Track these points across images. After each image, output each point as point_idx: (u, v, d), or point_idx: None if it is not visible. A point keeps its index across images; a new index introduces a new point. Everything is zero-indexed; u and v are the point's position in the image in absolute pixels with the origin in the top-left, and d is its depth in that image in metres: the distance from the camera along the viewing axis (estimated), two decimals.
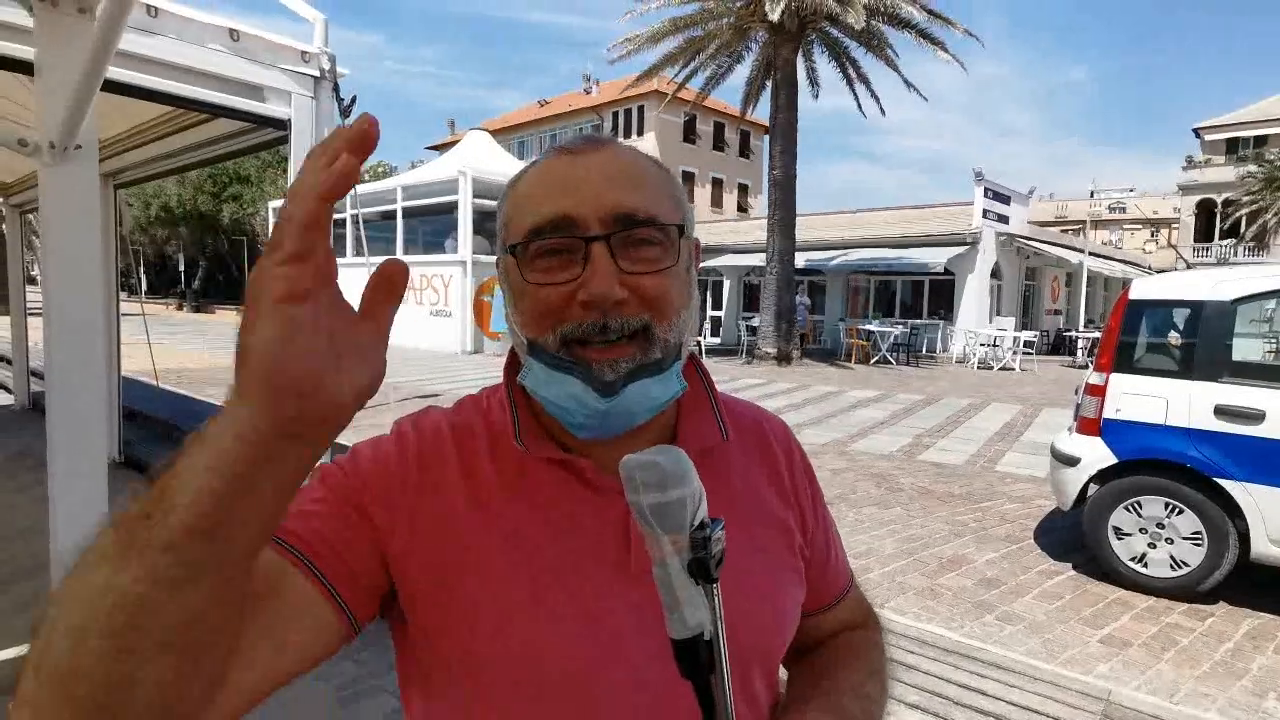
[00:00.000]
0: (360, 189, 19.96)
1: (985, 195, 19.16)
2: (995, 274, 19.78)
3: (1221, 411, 3.53)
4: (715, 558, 0.48)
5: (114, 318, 5.27)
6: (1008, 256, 20.24)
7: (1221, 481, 3.53)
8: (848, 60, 15.96)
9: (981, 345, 16.65)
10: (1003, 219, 19.85)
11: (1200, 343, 3.71)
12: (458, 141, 23.46)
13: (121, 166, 4.63)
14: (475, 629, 0.59)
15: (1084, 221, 26.66)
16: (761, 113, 17.41)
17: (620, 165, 0.62)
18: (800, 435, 5.70)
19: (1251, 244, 33.31)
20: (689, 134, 37.97)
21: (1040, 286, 22.84)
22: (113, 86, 2.25)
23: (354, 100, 2.97)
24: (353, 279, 0.41)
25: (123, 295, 6.52)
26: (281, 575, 0.54)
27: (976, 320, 18.61)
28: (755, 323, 16.35)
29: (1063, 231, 31.97)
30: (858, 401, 10.50)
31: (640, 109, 36.58)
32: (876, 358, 16.39)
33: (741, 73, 16.78)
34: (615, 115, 38.06)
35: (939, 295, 20.47)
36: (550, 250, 0.59)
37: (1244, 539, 3.51)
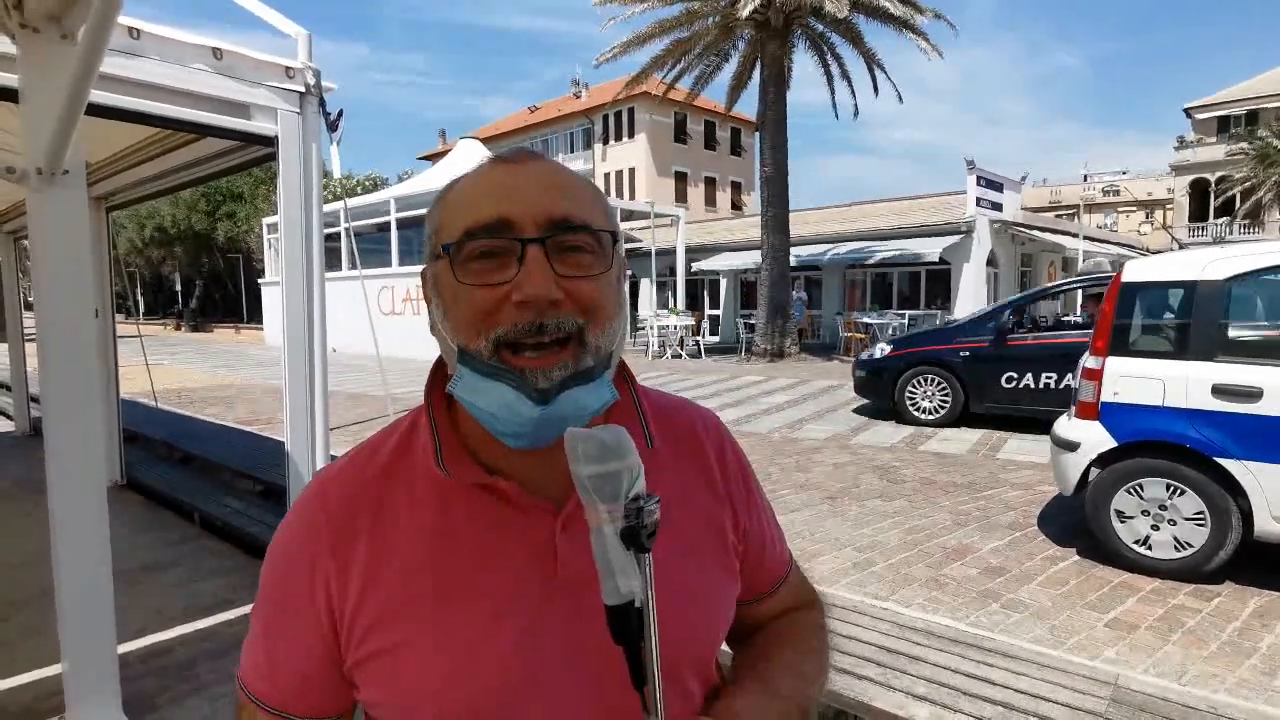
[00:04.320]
0: (353, 202, 19.97)
1: (978, 183, 19.17)
2: (991, 262, 19.79)
3: (1219, 391, 3.54)
4: (648, 528, 0.50)
5: (111, 340, 5.28)
6: (1003, 244, 20.25)
7: (1222, 461, 3.52)
8: (833, 56, 15.98)
9: None
10: (996, 206, 19.86)
11: (1195, 322, 3.71)
12: (449, 151, 23.48)
13: (112, 189, 4.64)
14: (416, 677, 0.60)
15: (1078, 206, 26.67)
16: (749, 109, 17.43)
17: (556, 175, 0.63)
18: (801, 430, 5.71)
19: (1246, 221, 33.35)
20: (680, 134, 38.00)
21: (1036, 272, 22.86)
22: (98, 110, 2.26)
23: (340, 114, 2.98)
24: (346, 291, 0.42)
25: (120, 317, 6.53)
26: None
27: (974, 308, 18.60)
28: (754, 320, 16.38)
29: (1057, 216, 32.01)
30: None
31: (630, 111, 36.61)
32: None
33: (730, 71, 16.80)
34: (605, 118, 38.10)
35: (936, 285, 20.48)
36: (485, 252, 0.59)
37: (1247, 518, 3.51)
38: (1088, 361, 4.03)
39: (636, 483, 0.51)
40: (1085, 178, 25.89)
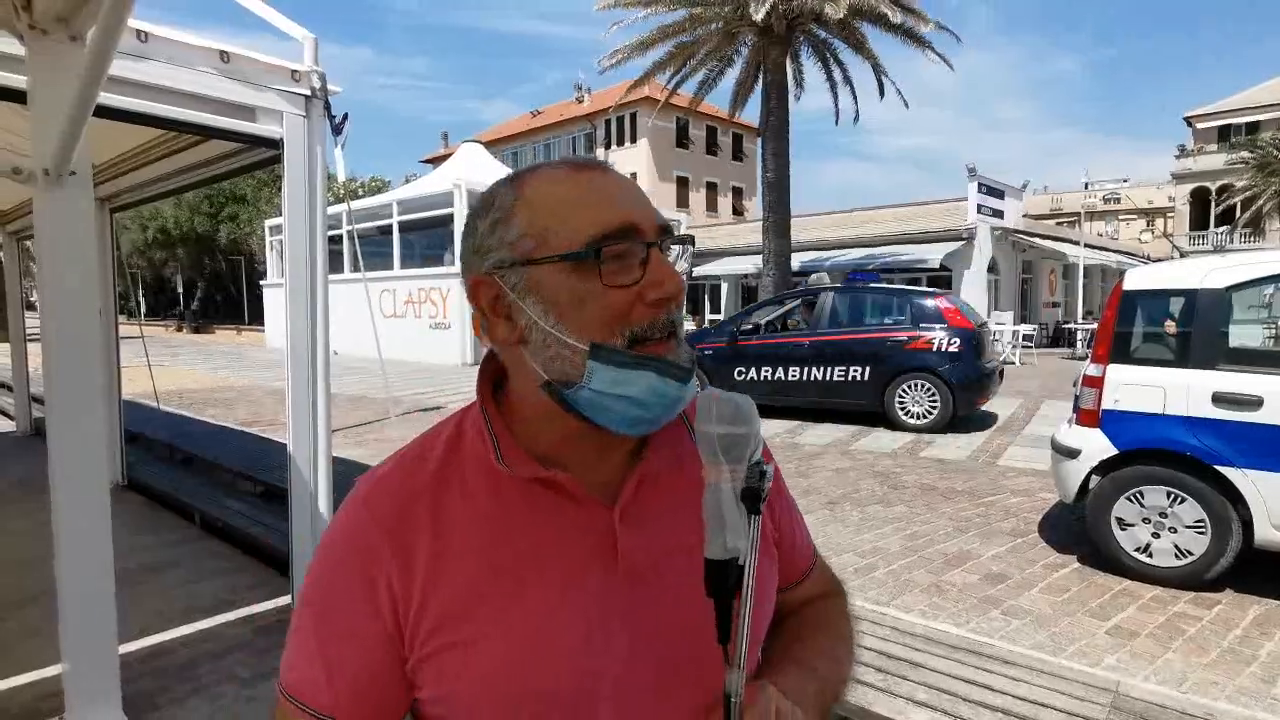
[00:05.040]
0: (356, 205, 20.01)
1: (979, 190, 19.21)
2: (992, 269, 19.81)
3: (1219, 399, 3.54)
4: (765, 493, 0.55)
5: (113, 341, 5.29)
6: (1004, 251, 20.27)
7: (1222, 469, 3.53)
8: (835, 62, 16.01)
9: None
10: (997, 214, 19.89)
11: (1195, 331, 3.72)
12: (451, 154, 23.53)
13: (117, 190, 4.66)
14: (486, 668, 0.61)
15: (1079, 213, 26.69)
16: (751, 115, 17.46)
17: (637, 185, 0.68)
18: (802, 435, 5.70)
19: (1247, 230, 33.37)
20: (682, 139, 38.07)
21: (1037, 280, 22.87)
22: (105, 112, 2.27)
23: (345, 117, 3.00)
24: (348, 294, 0.42)
25: (122, 318, 6.54)
26: None
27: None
28: None
29: (1058, 224, 32.00)
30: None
31: (633, 116, 36.68)
32: None
33: (733, 76, 16.84)
34: (608, 123, 38.17)
35: None
36: (615, 256, 0.61)
37: (1247, 526, 3.51)
38: (1089, 369, 4.04)
39: (758, 451, 0.56)
40: (1086, 185, 25.85)
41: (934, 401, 8.05)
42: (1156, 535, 3.78)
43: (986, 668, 2.74)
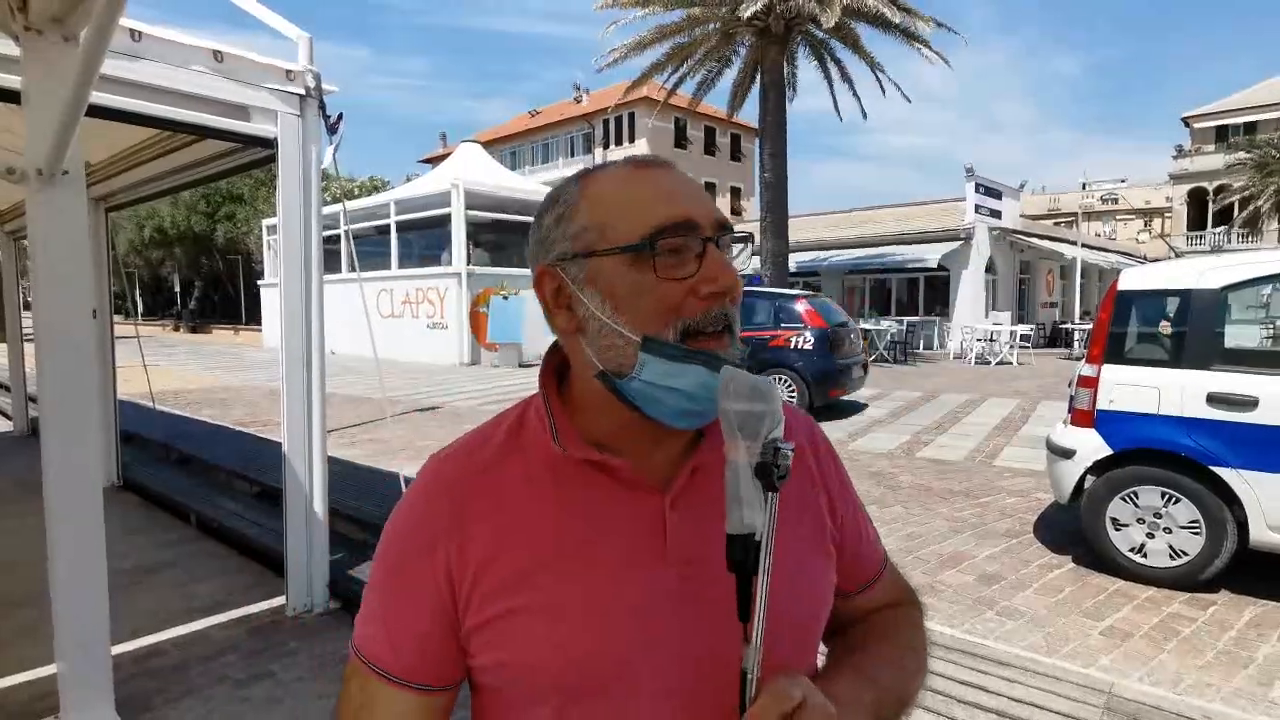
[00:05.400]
0: (353, 204, 19.97)
1: (977, 190, 19.23)
2: (990, 269, 19.84)
3: (1214, 399, 3.54)
4: (780, 469, 0.55)
5: (109, 341, 5.28)
6: (1001, 251, 20.30)
7: (1217, 469, 3.53)
8: (833, 62, 16.03)
9: (978, 340, 16.67)
10: (995, 214, 19.92)
11: (1190, 331, 3.72)
12: (450, 154, 23.51)
13: (112, 190, 4.66)
14: (538, 637, 0.64)
15: (1076, 214, 26.72)
16: (750, 115, 17.47)
17: (697, 182, 0.70)
18: None
19: (1244, 230, 33.42)
20: (680, 139, 38.07)
21: (1035, 280, 22.90)
22: (99, 111, 2.27)
23: (340, 117, 3.00)
24: (345, 294, 0.42)
25: (118, 318, 6.52)
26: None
27: (972, 315, 18.64)
28: None
29: (1056, 224, 32.06)
30: (855, 400, 10.50)
31: (631, 116, 36.69)
32: (874, 356, 16.41)
33: (731, 77, 16.85)
34: (606, 123, 38.17)
35: (935, 292, 20.51)
36: (672, 249, 0.63)
37: (1242, 527, 3.52)
38: (1083, 369, 4.04)
39: (777, 428, 0.56)
40: (1084, 185, 25.89)
41: (792, 393, 8.83)
42: (1151, 536, 3.79)
43: (981, 669, 2.74)
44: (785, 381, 8.89)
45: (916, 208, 23.24)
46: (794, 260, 16.95)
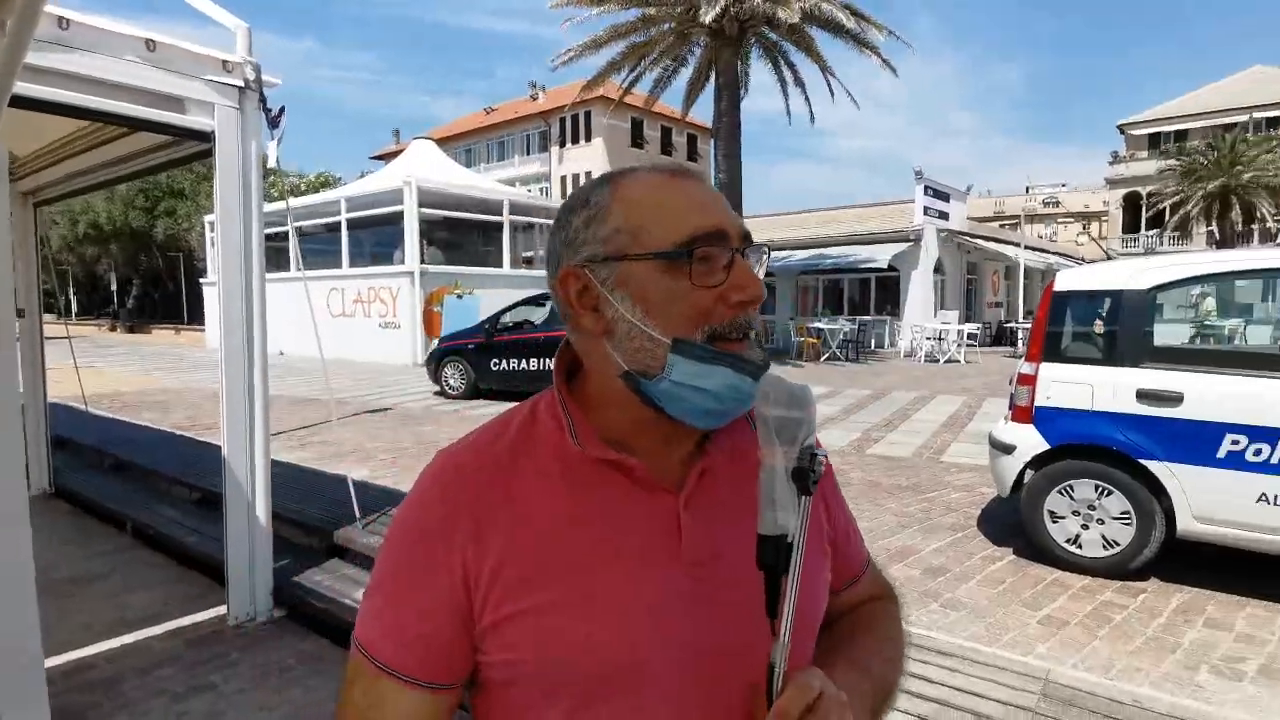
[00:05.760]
0: (300, 201, 19.49)
1: (926, 193, 19.71)
2: (938, 269, 20.35)
3: (1143, 395, 3.70)
4: (815, 474, 0.57)
5: (38, 342, 5.05)
6: (949, 252, 20.84)
7: (1146, 463, 3.69)
8: (786, 64, 16.23)
9: (927, 339, 17.09)
10: (943, 216, 20.44)
11: (1121, 330, 3.88)
12: (403, 151, 23.10)
13: (41, 184, 4.46)
14: (554, 635, 0.64)
15: (1020, 216, 27.60)
16: (705, 115, 17.58)
17: (721, 195, 0.71)
18: None
19: (1175, 233, 34.96)
20: (637, 138, 38.11)
21: (981, 280, 23.58)
22: (23, 102, 2.17)
23: (282, 110, 2.92)
24: (295, 293, 0.41)
25: (50, 318, 6.24)
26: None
27: (922, 315, 19.10)
28: None
29: (1001, 226, 33.05)
30: None
31: (588, 114, 36.59)
32: (826, 355, 16.69)
33: (686, 76, 16.93)
34: (563, 121, 37.99)
35: (885, 292, 20.97)
36: (704, 257, 0.65)
37: (1170, 517, 3.68)
38: (1022, 367, 4.18)
39: (812, 437, 0.58)
40: (1027, 189, 26.78)
41: None
42: (1086, 527, 3.94)
43: (924, 659, 2.81)
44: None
45: (867, 209, 23.72)
46: None
